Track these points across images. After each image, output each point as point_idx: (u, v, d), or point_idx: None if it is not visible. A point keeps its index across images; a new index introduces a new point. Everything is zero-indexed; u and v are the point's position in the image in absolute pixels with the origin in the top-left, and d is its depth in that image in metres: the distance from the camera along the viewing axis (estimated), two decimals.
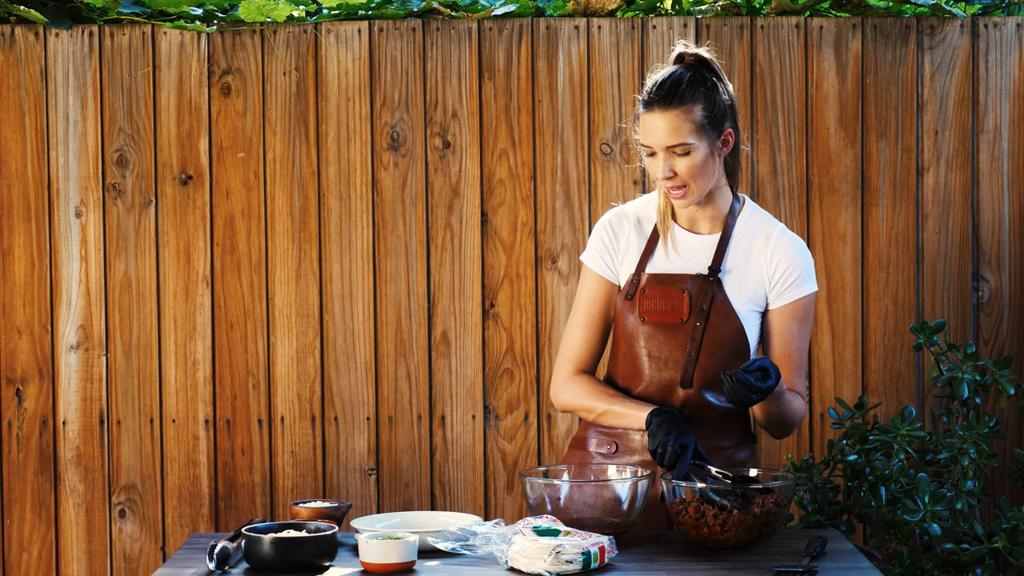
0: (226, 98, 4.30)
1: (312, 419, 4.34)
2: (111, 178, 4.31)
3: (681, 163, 3.13)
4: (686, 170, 3.13)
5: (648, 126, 3.14)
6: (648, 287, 3.23)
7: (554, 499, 3.03)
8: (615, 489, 3.02)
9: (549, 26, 4.29)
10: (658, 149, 3.13)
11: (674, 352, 3.22)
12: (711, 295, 3.19)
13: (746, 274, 3.23)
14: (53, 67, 4.29)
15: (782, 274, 3.22)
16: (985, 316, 4.33)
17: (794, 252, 3.24)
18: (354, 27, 4.29)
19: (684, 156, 3.13)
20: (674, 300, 3.21)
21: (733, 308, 3.21)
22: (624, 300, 3.26)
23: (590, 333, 3.34)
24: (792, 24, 4.29)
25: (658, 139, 3.13)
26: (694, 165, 3.13)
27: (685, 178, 3.14)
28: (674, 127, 3.12)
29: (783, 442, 4.32)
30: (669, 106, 3.11)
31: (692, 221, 3.27)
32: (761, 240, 3.25)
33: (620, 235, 3.30)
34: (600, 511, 3.01)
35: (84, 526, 4.35)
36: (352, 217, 4.31)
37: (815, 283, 3.26)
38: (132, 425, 4.33)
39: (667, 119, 3.12)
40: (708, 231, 3.27)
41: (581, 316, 3.34)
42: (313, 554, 2.87)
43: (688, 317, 3.20)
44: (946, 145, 4.31)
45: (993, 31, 4.29)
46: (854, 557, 2.96)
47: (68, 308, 4.31)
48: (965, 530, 3.87)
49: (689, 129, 3.12)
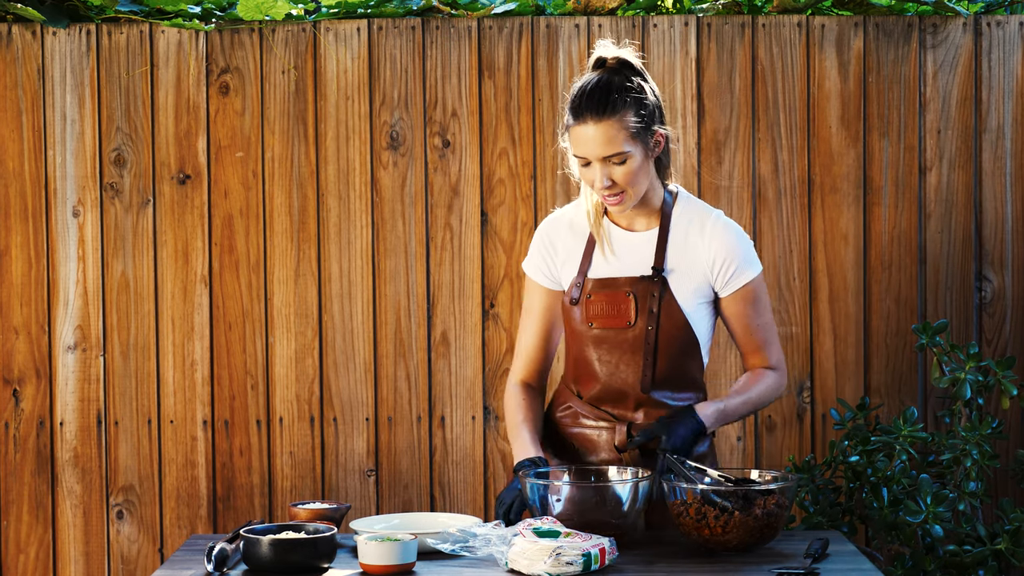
0: (224, 97, 4.29)
1: (311, 420, 4.33)
2: (109, 177, 4.30)
3: (618, 171, 3.12)
4: (623, 177, 3.13)
5: (581, 137, 3.12)
6: (593, 292, 3.24)
7: (555, 501, 3.01)
8: (616, 490, 3.00)
9: (549, 24, 4.28)
10: (593, 159, 3.12)
11: (624, 355, 3.23)
12: (658, 297, 3.21)
13: (689, 269, 3.24)
14: (50, 66, 4.28)
15: (722, 265, 3.23)
16: (988, 316, 4.32)
17: (731, 240, 3.24)
18: (353, 25, 4.29)
19: (621, 164, 3.12)
20: (620, 304, 3.22)
21: (680, 307, 3.21)
22: (570, 305, 3.27)
23: (536, 341, 3.37)
24: (794, 22, 4.28)
25: (593, 150, 3.11)
26: (631, 171, 3.13)
27: (623, 185, 3.14)
28: (608, 137, 3.10)
29: (785, 443, 4.32)
30: (603, 116, 3.09)
31: (629, 219, 3.28)
32: (696, 230, 3.25)
33: (557, 242, 3.32)
34: (601, 512, 2.99)
35: (82, 527, 4.34)
36: (351, 217, 4.30)
37: (758, 264, 3.27)
38: (130, 426, 4.33)
39: (601, 129, 3.10)
40: (645, 227, 3.27)
41: (526, 324, 3.38)
42: (312, 556, 2.87)
43: (635, 320, 3.21)
44: (949, 144, 4.30)
45: (996, 29, 4.29)
46: (856, 559, 2.95)
47: (65, 308, 4.31)
48: (967, 532, 3.87)
49: (624, 137, 3.10)
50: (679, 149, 4.28)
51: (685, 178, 4.28)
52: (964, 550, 3.82)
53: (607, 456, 3.27)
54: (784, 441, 4.31)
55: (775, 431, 4.32)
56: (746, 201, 4.29)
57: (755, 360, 3.31)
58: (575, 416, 3.31)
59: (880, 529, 3.83)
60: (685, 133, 4.28)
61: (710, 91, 4.29)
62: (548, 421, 3.38)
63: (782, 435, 4.33)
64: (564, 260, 3.30)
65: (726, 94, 4.29)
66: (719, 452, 4.32)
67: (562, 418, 3.34)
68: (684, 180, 4.28)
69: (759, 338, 3.28)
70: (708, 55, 4.28)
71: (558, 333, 3.37)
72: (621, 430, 3.23)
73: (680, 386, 3.26)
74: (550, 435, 3.35)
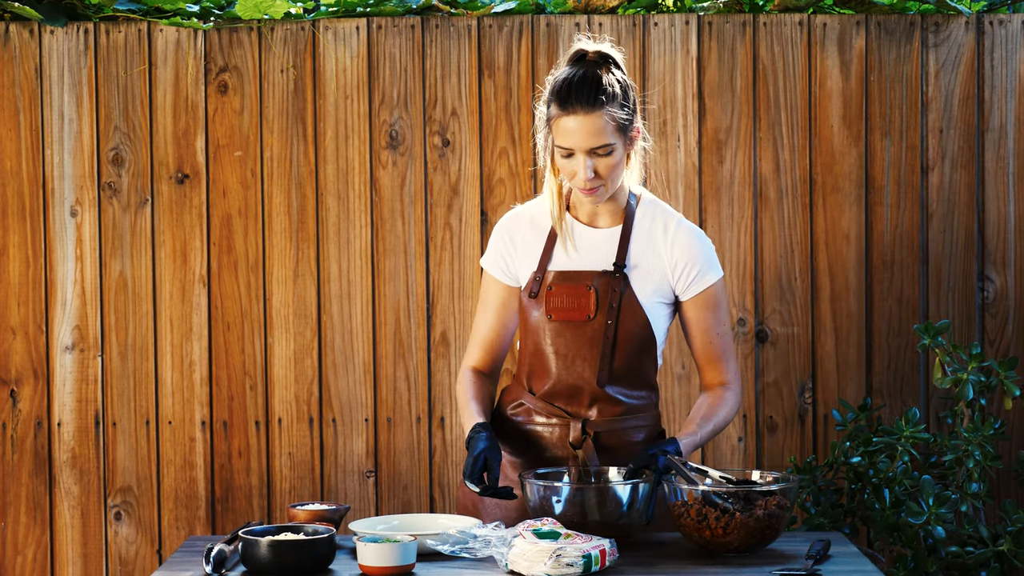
0: (223, 96, 4.29)
1: (310, 420, 4.32)
2: (107, 177, 4.29)
3: (602, 163, 3.14)
4: (606, 169, 3.15)
5: (568, 128, 3.13)
6: (554, 284, 3.25)
7: (555, 502, 3.00)
8: (616, 492, 2.99)
9: (550, 23, 4.28)
10: (579, 151, 3.13)
11: (581, 349, 3.23)
12: (619, 292, 3.22)
13: (650, 268, 3.25)
14: (48, 65, 4.27)
15: (683, 268, 3.25)
16: (990, 316, 4.32)
17: (693, 244, 3.26)
18: (352, 24, 4.28)
19: (606, 156, 3.14)
20: (580, 297, 3.23)
21: (640, 304, 3.22)
22: (529, 298, 3.28)
23: (490, 334, 3.39)
24: (795, 21, 4.28)
25: (581, 141, 3.12)
26: (614, 164, 3.15)
27: (604, 177, 3.16)
28: (598, 128, 3.11)
29: (786, 444, 4.31)
30: (592, 108, 3.11)
31: (592, 216, 3.29)
32: (660, 231, 3.26)
33: (516, 236, 3.32)
34: (601, 513, 2.98)
35: (79, 529, 4.34)
36: (350, 216, 4.30)
37: (719, 269, 3.28)
38: (128, 427, 4.32)
39: (590, 121, 3.11)
40: (608, 224, 3.28)
41: (481, 316, 3.39)
42: (311, 557, 2.86)
43: (595, 314, 3.22)
44: (951, 144, 4.29)
45: (999, 28, 4.28)
46: (857, 560, 2.95)
47: (63, 308, 4.30)
48: (970, 533, 3.87)
49: (611, 129, 3.12)
50: (680, 148, 4.27)
51: (686, 177, 4.28)
52: (966, 551, 3.81)
53: (559, 453, 3.27)
54: (785, 442, 4.31)
55: (776, 432, 4.32)
56: (747, 200, 4.28)
57: (712, 375, 3.31)
58: (527, 412, 3.31)
59: (882, 530, 3.82)
60: (686, 132, 4.28)
61: (711, 90, 4.28)
62: (500, 417, 3.37)
63: (783, 436, 4.32)
64: (523, 255, 3.31)
65: (727, 93, 4.28)
66: (720, 453, 4.32)
67: (513, 415, 3.34)
68: (685, 179, 4.28)
69: (718, 348, 3.29)
70: (709, 54, 4.28)
71: (512, 328, 3.38)
72: (576, 427, 3.23)
73: (635, 384, 3.27)
74: (504, 432, 3.34)
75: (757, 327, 4.30)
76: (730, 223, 4.27)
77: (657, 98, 4.26)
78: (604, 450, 3.24)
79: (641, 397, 3.27)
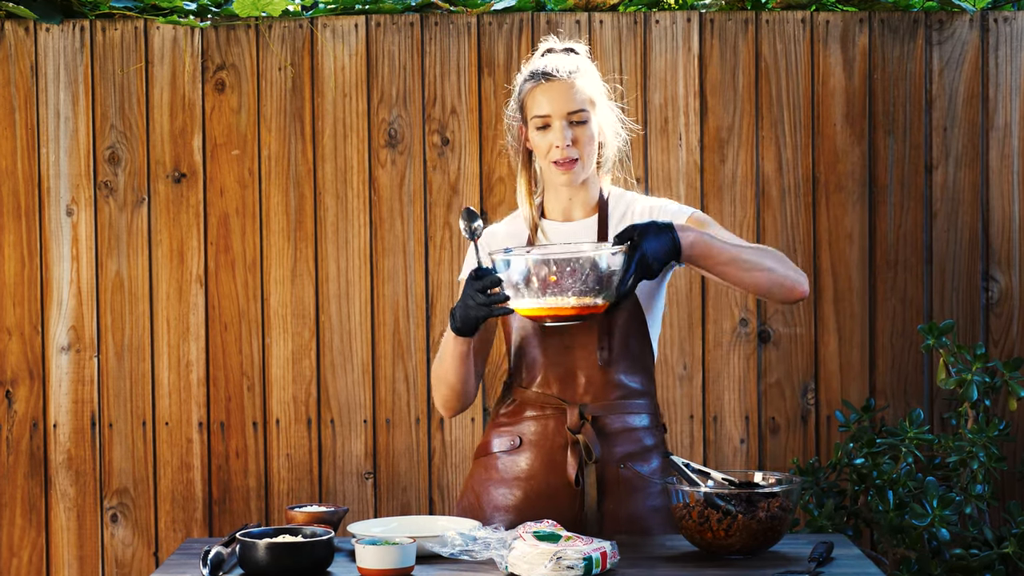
0: (220, 94, 4.28)
1: (308, 422, 4.31)
2: (103, 176, 4.29)
3: (579, 131, 3.18)
4: (582, 139, 3.18)
5: (545, 96, 3.18)
6: None
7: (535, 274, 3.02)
8: (593, 258, 3.00)
9: (550, 21, 4.28)
10: (557, 118, 3.17)
11: (575, 336, 3.21)
12: None
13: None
14: (44, 63, 4.27)
15: (656, 215, 3.23)
16: (995, 316, 4.32)
17: (657, 202, 3.27)
18: (351, 22, 4.28)
19: (581, 125, 3.18)
20: None
21: None
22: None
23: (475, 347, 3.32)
24: (798, 19, 4.28)
25: (558, 106, 3.17)
26: (589, 135, 3.19)
27: (581, 147, 3.18)
28: (572, 93, 3.18)
29: (789, 445, 4.31)
30: (570, 74, 3.18)
31: (566, 211, 3.29)
32: (631, 209, 3.27)
33: (494, 247, 3.30)
34: (573, 280, 3.00)
35: (75, 531, 4.33)
36: (349, 216, 4.29)
37: (690, 208, 3.26)
38: (124, 428, 4.31)
39: (567, 86, 3.18)
40: (583, 216, 3.29)
41: None
42: (309, 560, 2.84)
43: None
44: (955, 142, 4.30)
45: (1003, 26, 4.29)
46: (861, 562, 2.94)
47: (59, 309, 4.29)
48: (974, 535, 3.88)
49: (587, 99, 3.19)
50: (681, 147, 4.27)
51: (688, 176, 4.28)
52: (971, 554, 3.82)
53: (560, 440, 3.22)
54: (788, 443, 4.30)
55: (779, 433, 4.31)
56: (749, 200, 4.28)
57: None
58: (518, 410, 3.27)
59: (885, 532, 3.83)
60: (687, 131, 4.28)
61: (713, 88, 4.28)
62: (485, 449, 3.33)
63: (786, 437, 4.31)
64: None
65: (729, 91, 4.28)
66: (722, 454, 4.31)
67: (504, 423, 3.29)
68: (687, 178, 4.28)
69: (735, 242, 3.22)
70: (711, 52, 4.28)
71: (488, 343, 3.35)
72: (573, 412, 3.20)
73: (632, 368, 3.24)
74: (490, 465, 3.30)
75: (759, 327, 4.29)
76: (732, 222, 4.27)
77: (658, 96, 4.26)
78: (604, 436, 3.19)
79: (639, 382, 3.24)
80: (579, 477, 3.13)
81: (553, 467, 3.19)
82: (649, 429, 3.26)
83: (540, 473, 3.19)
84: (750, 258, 3.13)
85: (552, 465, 3.19)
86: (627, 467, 3.17)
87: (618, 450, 3.18)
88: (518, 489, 3.21)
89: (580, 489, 3.14)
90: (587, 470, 3.15)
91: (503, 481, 3.25)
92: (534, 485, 3.19)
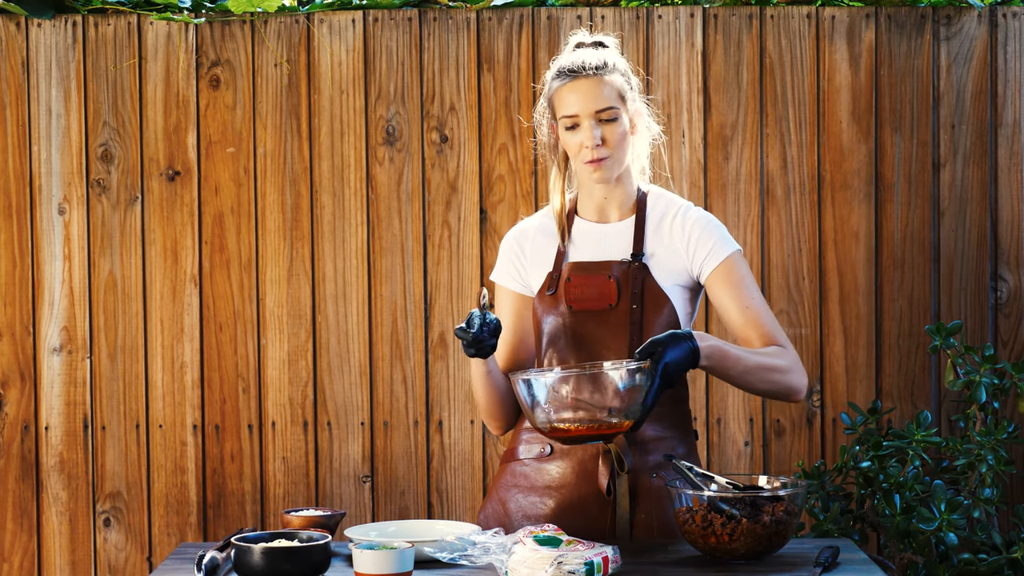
0: (215, 91, 4.28)
1: (304, 424, 4.31)
2: (95, 174, 4.28)
3: (608, 130, 3.18)
4: (612, 138, 3.18)
5: (573, 94, 3.18)
6: (573, 276, 3.24)
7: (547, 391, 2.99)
8: (611, 376, 2.96)
9: (551, 16, 4.29)
10: (585, 117, 3.18)
11: (605, 338, 3.21)
12: (640, 278, 3.21)
13: (666, 253, 3.24)
14: (35, 58, 4.27)
15: (697, 242, 3.23)
16: (1004, 317, 4.32)
17: (705, 221, 3.26)
18: (348, 17, 4.28)
19: (611, 122, 3.19)
20: (601, 287, 3.22)
21: (662, 289, 3.21)
22: (546, 295, 3.26)
23: (506, 348, 3.33)
24: (803, 14, 4.29)
25: (586, 105, 3.17)
26: (620, 132, 3.19)
27: (611, 146, 3.19)
28: (600, 91, 3.18)
29: (794, 448, 4.31)
30: (598, 71, 3.19)
31: (601, 211, 3.30)
32: (671, 218, 3.26)
33: (526, 246, 3.33)
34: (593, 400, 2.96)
35: (67, 535, 4.32)
36: (346, 214, 4.28)
37: (734, 243, 3.26)
38: (117, 430, 4.30)
39: (594, 84, 3.18)
40: (619, 218, 3.29)
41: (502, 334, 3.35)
42: (305, 565, 2.84)
43: (617, 302, 3.21)
44: (963, 140, 4.30)
45: (1012, 21, 4.30)
46: (867, 567, 2.94)
47: (51, 309, 4.28)
48: (983, 539, 3.87)
49: (616, 95, 3.19)
50: (685, 144, 4.27)
51: (691, 174, 4.28)
52: (979, 558, 3.82)
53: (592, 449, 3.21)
54: (793, 446, 4.30)
55: (784, 436, 4.31)
56: (754, 198, 4.27)
57: (765, 341, 3.23)
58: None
59: (892, 537, 3.83)
60: (691, 128, 4.28)
61: (716, 85, 4.28)
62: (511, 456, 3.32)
63: (791, 440, 4.31)
64: (535, 262, 3.30)
65: (733, 88, 4.28)
66: (726, 458, 4.30)
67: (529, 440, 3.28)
68: (690, 176, 4.28)
69: (754, 316, 3.20)
70: (714, 47, 4.28)
71: (528, 343, 3.34)
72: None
73: None
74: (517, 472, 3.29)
75: None
76: (736, 221, 4.27)
77: (661, 93, 4.27)
78: (636, 443, 3.18)
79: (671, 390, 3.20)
80: (611, 486, 3.13)
81: (585, 476, 3.19)
82: (681, 436, 3.26)
83: (572, 482, 3.20)
84: (758, 372, 3.14)
85: (584, 474, 3.19)
86: (659, 476, 3.16)
87: (651, 459, 3.18)
88: (550, 498, 3.21)
89: (612, 498, 3.14)
90: (619, 479, 3.14)
91: (533, 489, 3.25)
92: (566, 494, 3.19)
